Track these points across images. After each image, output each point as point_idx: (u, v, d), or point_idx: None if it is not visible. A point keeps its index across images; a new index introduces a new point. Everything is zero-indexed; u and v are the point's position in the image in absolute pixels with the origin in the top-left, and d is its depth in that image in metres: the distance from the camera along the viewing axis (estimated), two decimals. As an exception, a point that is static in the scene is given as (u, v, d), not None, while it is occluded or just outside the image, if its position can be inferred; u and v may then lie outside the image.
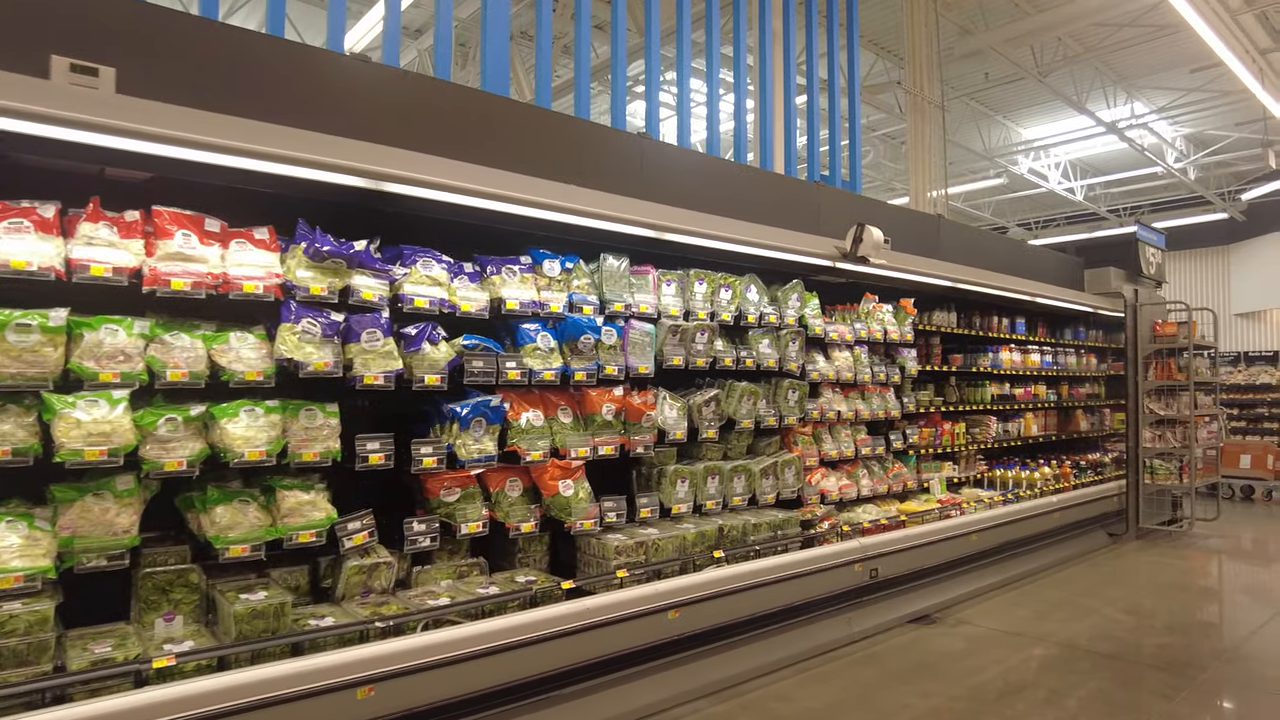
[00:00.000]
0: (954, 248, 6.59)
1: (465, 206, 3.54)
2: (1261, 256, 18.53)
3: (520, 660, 3.26)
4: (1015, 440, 7.42)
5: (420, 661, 2.99)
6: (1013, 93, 13.15)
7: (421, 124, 3.56)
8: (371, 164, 3.15)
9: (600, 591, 3.73)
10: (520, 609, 3.44)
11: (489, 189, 3.45)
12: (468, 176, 3.40)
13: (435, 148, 3.44)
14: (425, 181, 3.29)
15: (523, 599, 3.48)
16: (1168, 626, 5.24)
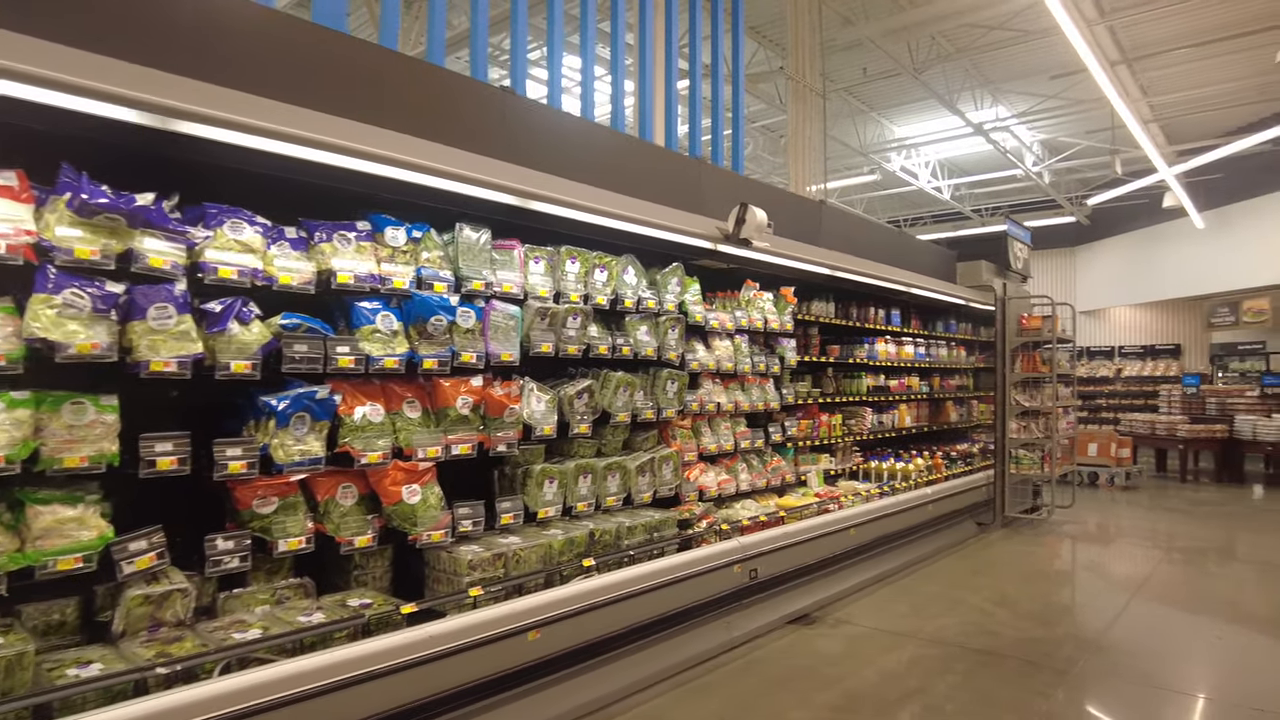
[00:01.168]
0: (835, 236, 6.44)
1: (286, 158, 2.92)
2: (1103, 258, 19.90)
3: (345, 703, 2.72)
4: (889, 432, 7.40)
5: (215, 714, 2.42)
6: (888, 89, 13.37)
7: (226, 53, 2.93)
8: (153, 95, 2.51)
9: (451, 613, 3.23)
10: (350, 639, 2.90)
11: (310, 134, 2.86)
12: (283, 119, 2.81)
13: (245, 83, 2.82)
14: (227, 121, 2.67)
15: (353, 628, 2.94)
16: (1038, 618, 5.24)
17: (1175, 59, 11.69)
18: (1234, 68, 12.13)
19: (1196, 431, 12.06)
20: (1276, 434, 11.36)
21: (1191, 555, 7.18)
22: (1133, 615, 5.33)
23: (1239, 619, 5.31)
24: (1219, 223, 15.94)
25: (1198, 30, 10.92)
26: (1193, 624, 5.23)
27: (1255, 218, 15.51)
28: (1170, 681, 4.22)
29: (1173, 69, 12.19)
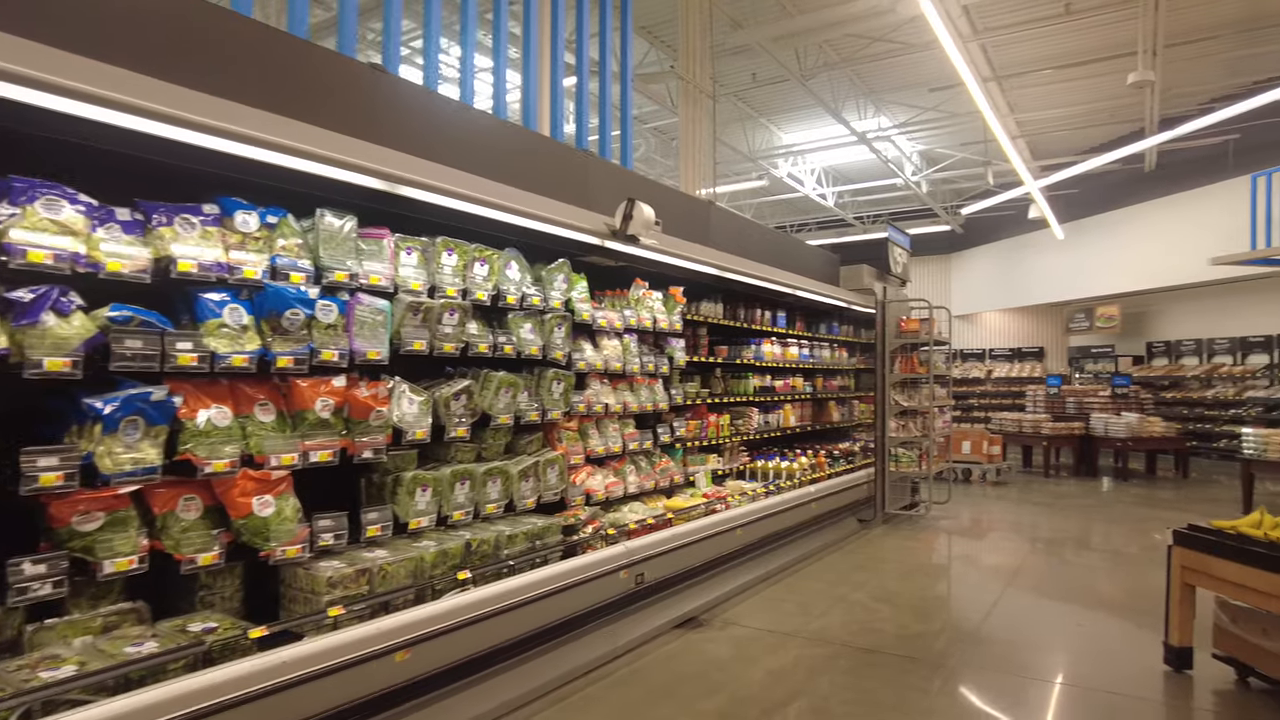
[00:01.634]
0: (724, 236, 6.43)
1: (116, 130, 2.59)
2: (975, 266, 21.04)
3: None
4: (775, 431, 7.47)
5: (11, 768, 2.08)
6: (777, 95, 13.63)
7: (36, 3, 2.56)
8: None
9: (309, 636, 2.95)
10: (189, 670, 2.59)
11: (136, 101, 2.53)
12: (106, 82, 2.47)
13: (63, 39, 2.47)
14: (35, 81, 2.32)
15: (192, 656, 2.63)
16: (918, 612, 5.37)
17: (1039, 79, 12.43)
18: (1089, 90, 13.02)
19: (1058, 429, 12.85)
20: (1124, 431, 12.22)
21: (1054, 546, 7.57)
22: (1005, 607, 5.54)
23: (1096, 605, 5.60)
24: (1076, 234, 17.13)
25: (1058, 54, 11.65)
26: (1058, 611, 5.47)
27: (1107, 230, 16.75)
28: (1038, 670, 4.37)
29: (1036, 88, 12.97)
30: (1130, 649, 4.64)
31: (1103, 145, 15.23)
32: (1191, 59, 11.71)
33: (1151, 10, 9.18)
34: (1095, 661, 4.47)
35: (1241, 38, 11.19)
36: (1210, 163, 14.40)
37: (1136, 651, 4.57)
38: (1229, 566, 3.89)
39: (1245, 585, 3.79)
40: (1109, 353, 18.55)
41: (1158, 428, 12.42)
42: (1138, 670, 4.30)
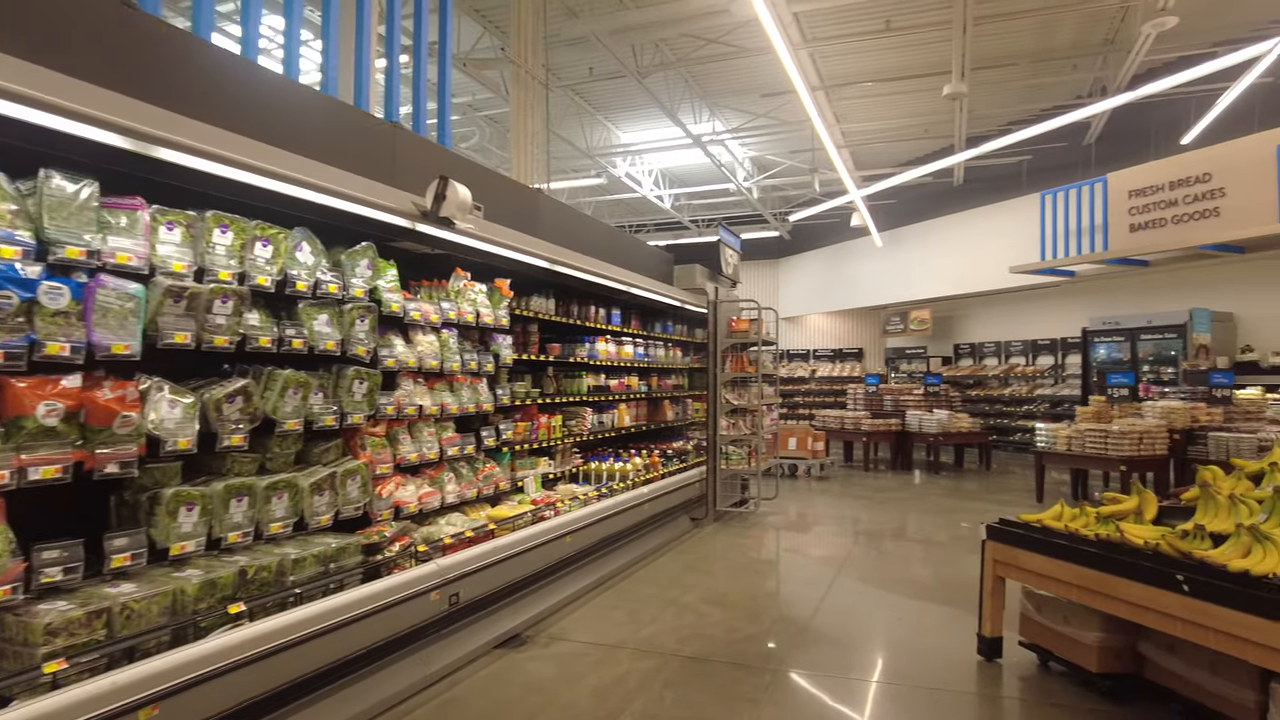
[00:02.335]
0: (555, 228, 6.12)
1: None
2: (801, 270, 21.98)
3: None
4: (610, 432, 7.25)
5: None
6: (613, 91, 13.49)
7: None
8: None
9: (20, 699, 2.36)
10: None
11: None
12: None
13: None
14: None
15: None
16: (748, 613, 5.29)
17: (862, 91, 13.03)
18: (907, 106, 13.82)
19: (876, 426, 13.54)
20: (936, 427, 13.06)
21: (875, 538, 7.84)
22: (831, 602, 5.59)
23: (915, 595, 5.78)
24: (893, 242, 18.24)
25: (880, 69, 12.24)
26: (880, 604, 5.59)
27: (921, 239, 17.94)
28: (864, 669, 4.38)
29: (860, 100, 13.60)
30: (947, 640, 4.76)
31: (917, 159, 16.28)
32: (995, 83, 12.69)
33: (961, 34, 9.78)
34: (916, 656, 4.53)
35: (1035, 67, 12.24)
36: (1008, 180, 15.74)
37: (953, 642, 4.70)
38: (1035, 558, 4.03)
39: (1049, 575, 3.93)
40: (921, 353, 19.91)
41: (965, 423, 13.36)
42: (954, 662, 4.39)
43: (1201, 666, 3.44)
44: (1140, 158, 12.50)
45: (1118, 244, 12.41)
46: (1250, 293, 13.46)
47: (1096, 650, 3.81)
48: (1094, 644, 3.81)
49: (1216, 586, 3.10)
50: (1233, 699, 3.30)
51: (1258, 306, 13.43)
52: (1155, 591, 3.34)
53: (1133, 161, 12.41)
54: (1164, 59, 11.68)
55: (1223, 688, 3.34)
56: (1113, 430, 8.98)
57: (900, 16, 10.46)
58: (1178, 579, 3.23)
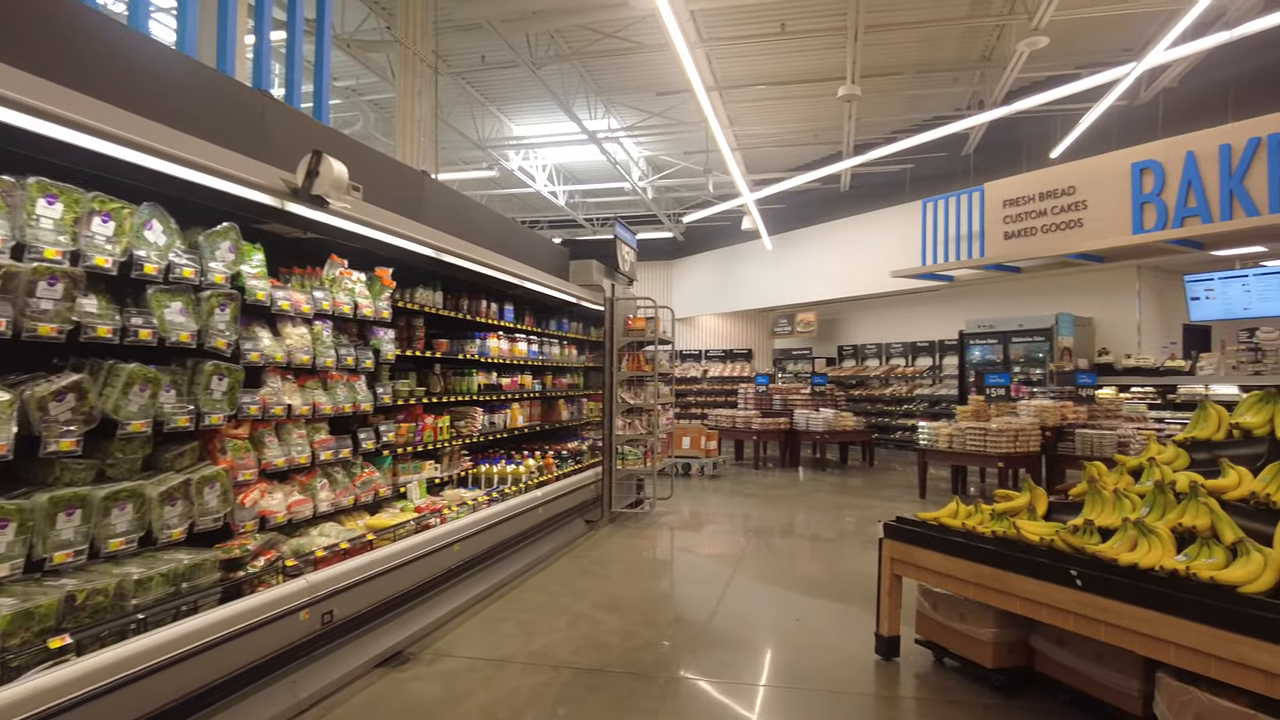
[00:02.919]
0: (442, 215, 5.77)
1: None
2: (695, 272, 22.14)
3: None
4: (502, 432, 6.94)
5: None
6: (507, 82, 13.12)
7: None
8: None
9: None
10: None
11: None
12: None
13: None
14: None
15: None
16: (645, 618, 5.12)
17: (755, 94, 13.17)
18: (798, 111, 14.07)
19: (766, 424, 13.72)
20: (822, 425, 13.34)
21: (768, 536, 7.85)
22: (728, 603, 5.49)
23: (810, 593, 5.76)
24: (783, 246, 18.60)
25: (773, 73, 12.39)
26: (777, 603, 5.53)
27: (809, 244, 18.37)
28: (764, 674, 4.27)
29: (753, 104, 13.75)
30: (844, 639, 4.74)
31: (807, 164, 16.64)
32: (882, 93, 13.07)
33: (853, 41, 9.99)
34: (814, 657, 4.48)
35: (919, 79, 12.69)
36: (892, 187, 16.31)
37: (850, 641, 4.67)
38: (932, 556, 4.04)
39: (946, 573, 3.94)
40: (808, 354, 20.43)
41: (849, 422, 13.72)
42: (853, 662, 4.36)
43: (1089, 658, 3.50)
44: (1014, 169, 13.16)
45: (993, 250, 13.01)
46: (1107, 299, 14.45)
47: (991, 646, 3.84)
48: (989, 640, 3.84)
49: (1108, 580, 3.14)
50: (1118, 688, 3.36)
51: (1113, 312, 14.43)
52: (1050, 587, 3.37)
53: (1007, 172, 13.05)
54: (1035, 77, 12.34)
55: (1108, 677, 3.41)
56: (991, 428, 9.36)
57: (795, 21, 10.59)
58: (1072, 574, 3.26)
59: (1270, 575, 2.77)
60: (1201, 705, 2.79)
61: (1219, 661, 2.74)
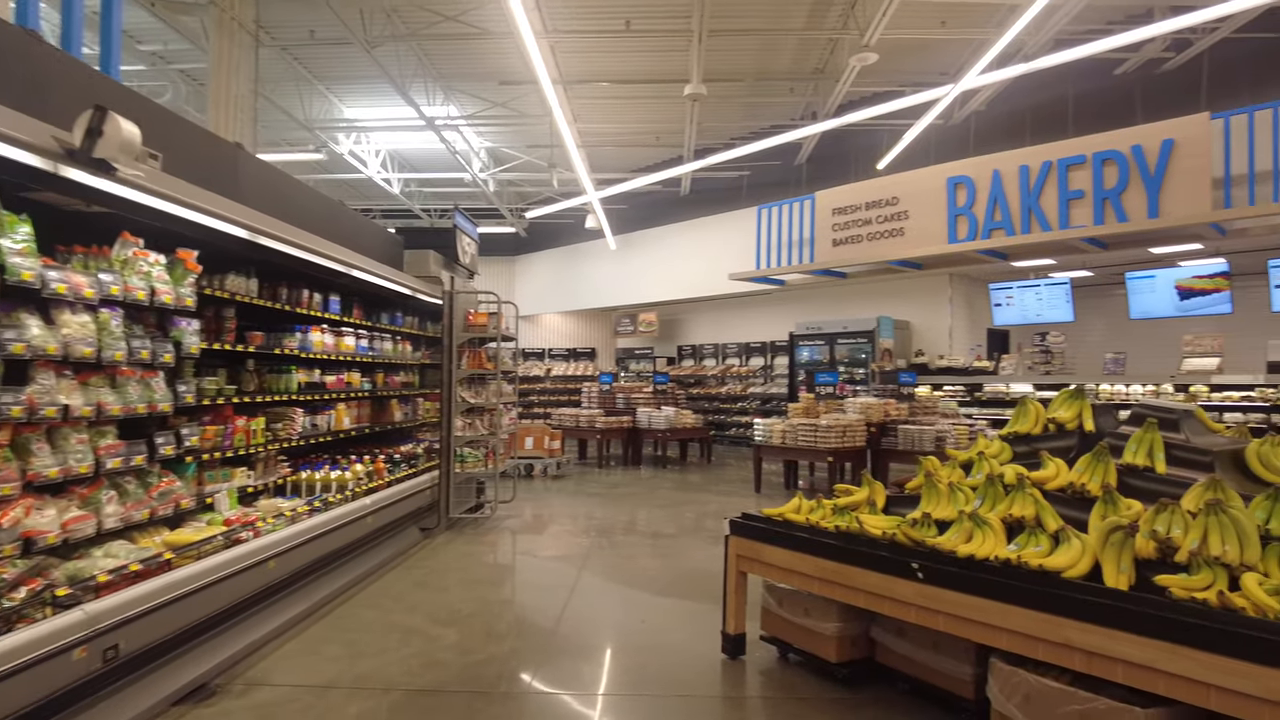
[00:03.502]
0: (259, 192, 5.20)
1: None
2: (538, 269, 21.81)
3: None
4: (326, 435, 6.39)
5: None
6: (338, 60, 12.26)
7: None
8: None
9: None
10: None
11: None
12: None
13: None
14: None
15: None
16: (486, 631, 4.84)
17: (599, 91, 13.07)
18: (641, 112, 14.12)
19: (610, 423, 13.67)
20: (664, 423, 13.47)
21: (613, 536, 7.75)
22: (574, 609, 5.31)
23: (655, 591, 5.69)
24: (626, 246, 18.68)
25: (618, 71, 12.34)
26: (622, 606, 5.41)
27: (650, 245, 18.56)
28: (611, 683, 4.13)
29: (597, 101, 13.65)
30: (691, 640, 4.68)
31: (650, 166, 16.77)
32: (722, 98, 13.36)
33: (697, 43, 10.11)
34: (662, 660, 4.38)
35: (758, 87, 13.07)
36: (730, 193, 16.77)
37: (697, 641, 4.62)
38: (777, 552, 4.04)
39: (791, 569, 3.96)
40: (650, 354, 20.66)
41: (689, 419, 13.95)
42: (700, 662, 4.30)
43: (926, 647, 3.61)
44: (843, 179, 13.86)
45: (823, 256, 13.64)
46: (923, 304, 15.57)
47: (835, 640, 3.89)
48: (833, 635, 3.89)
49: (946, 572, 3.23)
50: (953, 674, 3.49)
51: (928, 316, 15.57)
52: (892, 580, 3.44)
53: (837, 182, 13.73)
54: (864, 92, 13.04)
55: (944, 664, 3.53)
56: (821, 424, 9.77)
57: (640, 20, 10.58)
58: (913, 567, 3.34)
59: (1088, 560, 2.94)
60: (1030, 686, 2.91)
61: (1045, 644, 2.87)
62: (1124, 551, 2.85)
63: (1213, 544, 2.69)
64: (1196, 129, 9.69)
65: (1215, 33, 10.27)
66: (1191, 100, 10.28)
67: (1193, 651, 2.48)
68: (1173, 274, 11.76)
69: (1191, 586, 2.60)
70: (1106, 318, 15.65)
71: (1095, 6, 9.53)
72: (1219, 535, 2.70)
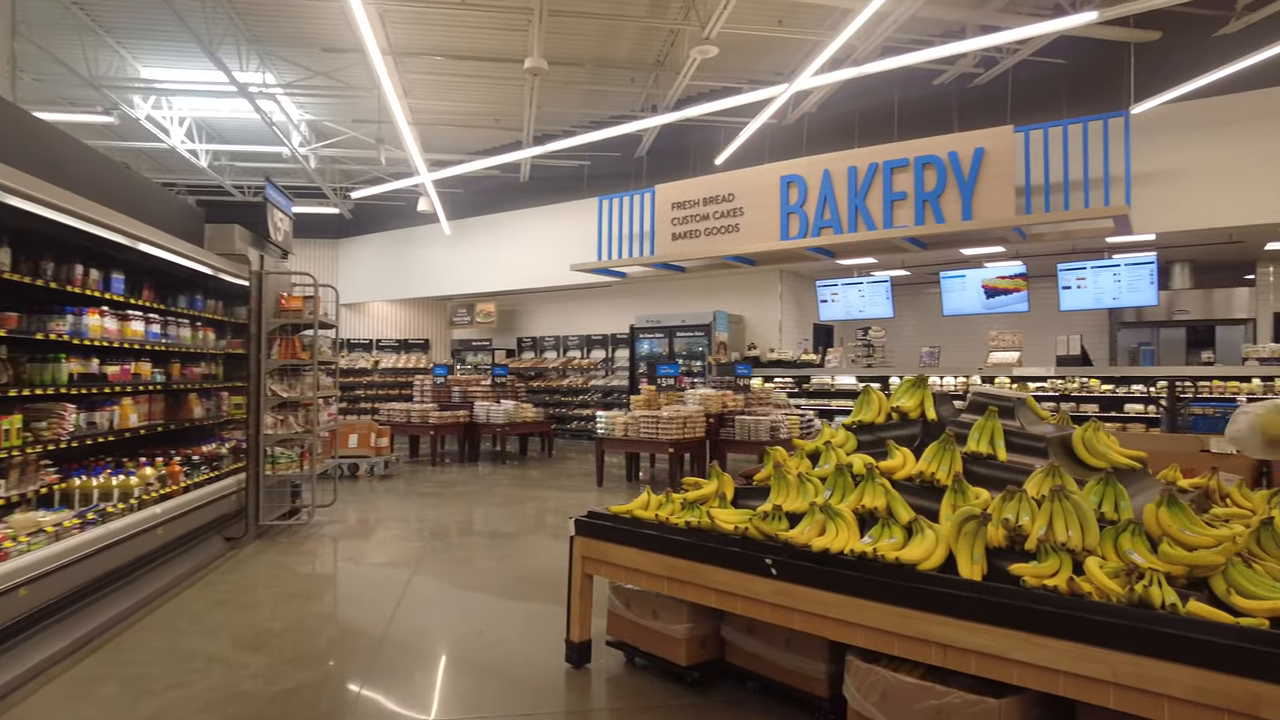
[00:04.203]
0: (19, 145, 4.33)
1: None
2: (365, 254, 20.51)
3: None
4: (108, 435, 5.49)
5: None
6: (132, 11, 10.80)
7: None
8: None
9: None
10: None
11: None
12: None
13: None
14: None
15: None
16: (299, 655, 4.28)
17: (433, 66, 12.36)
18: (478, 92, 13.52)
19: (445, 418, 13.02)
20: (503, 417, 13.00)
21: (447, 539, 7.26)
22: (401, 624, 4.83)
23: (494, 596, 5.31)
24: (462, 232, 17.93)
25: (453, 46, 11.70)
26: (459, 614, 4.99)
27: (488, 233, 17.92)
28: (447, 705, 3.73)
29: (430, 77, 12.91)
30: (533, 649, 4.36)
31: (488, 150, 16.13)
32: (563, 84, 13.02)
33: (537, 23, 9.72)
34: (502, 675, 4.03)
35: (599, 74, 12.84)
36: (570, 182, 16.45)
37: (539, 651, 4.31)
38: (625, 551, 3.81)
39: (641, 569, 3.73)
40: (487, 345, 20.00)
41: (529, 413, 13.55)
42: (543, 674, 3.99)
43: (778, 645, 3.50)
44: (682, 174, 13.95)
45: (662, 249, 13.67)
46: (755, 299, 16.02)
47: (685, 642, 3.71)
48: (683, 636, 3.70)
49: (801, 567, 3.12)
50: (806, 672, 3.39)
51: (760, 311, 16.03)
52: (745, 577, 3.29)
53: (676, 176, 13.79)
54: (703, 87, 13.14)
55: (797, 663, 3.43)
56: (663, 416, 9.71)
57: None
58: (767, 563, 3.20)
59: (942, 551, 2.91)
60: (888, 683, 2.83)
61: (902, 639, 2.81)
62: (977, 541, 2.83)
63: (1058, 530, 2.71)
64: (1002, 140, 10.48)
65: (1017, 54, 11.15)
66: (999, 113, 11.12)
67: (1044, 639, 2.47)
68: (980, 274, 12.71)
69: (1041, 574, 2.60)
70: (921, 314, 16.80)
71: (919, 19, 10.03)
72: (1063, 521, 2.73)
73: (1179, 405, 10.41)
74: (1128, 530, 2.69)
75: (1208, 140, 10.11)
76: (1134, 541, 2.67)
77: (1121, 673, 2.32)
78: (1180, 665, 2.23)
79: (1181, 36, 10.17)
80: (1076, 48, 10.63)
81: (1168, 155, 10.20)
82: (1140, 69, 10.11)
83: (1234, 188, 10.00)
